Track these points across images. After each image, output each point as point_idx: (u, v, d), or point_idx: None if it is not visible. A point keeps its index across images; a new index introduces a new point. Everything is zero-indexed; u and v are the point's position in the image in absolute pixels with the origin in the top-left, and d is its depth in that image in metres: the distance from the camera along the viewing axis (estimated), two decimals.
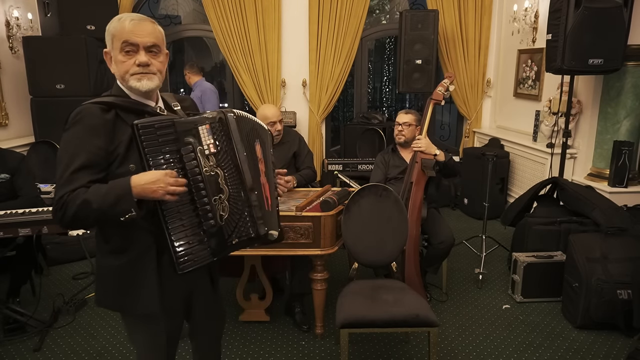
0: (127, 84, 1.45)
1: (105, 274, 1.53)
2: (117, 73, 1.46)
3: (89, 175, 1.37)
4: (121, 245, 1.47)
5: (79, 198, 1.33)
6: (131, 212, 1.34)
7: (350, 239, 2.52)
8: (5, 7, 4.44)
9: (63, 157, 1.38)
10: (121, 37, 1.42)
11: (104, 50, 1.48)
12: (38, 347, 2.64)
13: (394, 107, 8.16)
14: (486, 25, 5.38)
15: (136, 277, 1.48)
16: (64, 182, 1.35)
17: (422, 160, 2.94)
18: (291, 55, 5.41)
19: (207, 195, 1.43)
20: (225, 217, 1.46)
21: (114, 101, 1.43)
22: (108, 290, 1.54)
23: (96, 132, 1.38)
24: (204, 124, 1.44)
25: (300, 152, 3.25)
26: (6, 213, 2.65)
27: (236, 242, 1.49)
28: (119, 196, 1.33)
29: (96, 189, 1.35)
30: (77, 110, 1.42)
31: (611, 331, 2.76)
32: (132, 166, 1.40)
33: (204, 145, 1.43)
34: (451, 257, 3.43)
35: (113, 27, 1.44)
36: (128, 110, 1.44)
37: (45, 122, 4.43)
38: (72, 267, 3.71)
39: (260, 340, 2.73)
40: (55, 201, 1.36)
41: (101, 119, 1.40)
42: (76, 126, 1.40)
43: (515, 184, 4.92)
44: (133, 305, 1.51)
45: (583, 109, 4.01)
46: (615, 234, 2.89)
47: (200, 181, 1.42)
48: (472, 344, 2.69)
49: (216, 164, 1.45)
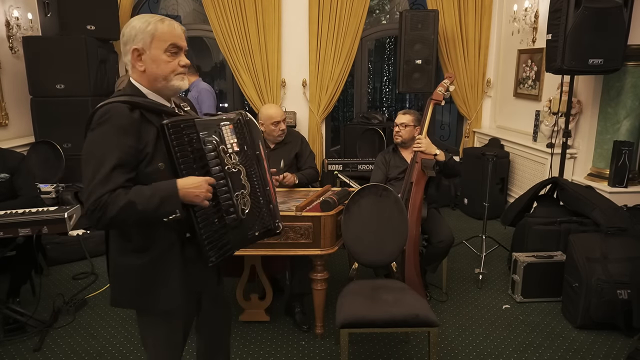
0: (168, 83, 1.50)
1: (124, 273, 1.53)
2: (159, 72, 1.48)
3: (124, 175, 1.39)
4: (144, 244, 1.49)
5: (121, 199, 1.35)
6: (176, 213, 1.41)
7: (350, 239, 2.52)
8: (5, 7, 4.44)
9: (92, 157, 1.39)
10: (169, 39, 1.48)
11: (133, 47, 1.47)
12: (38, 347, 2.64)
13: (394, 107, 8.15)
14: (486, 25, 5.38)
15: (159, 274, 1.51)
16: (100, 183, 1.35)
17: (422, 160, 2.94)
18: (291, 55, 5.40)
19: (229, 192, 1.52)
20: (247, 211, 1.56)
21: (139, 101, 1.46)
22: (127, 290, 1.54)
23: (126, 132, 1.40)
24: (227, 124, 1.54)
25: (302, 153, 3.26)
26: (6, 213, 2.65)
27: (257, 234, 1.61)
28: (164, 198, 1.39)
29: (139, 190, 1.39)
30: (104, 110, 1.42)
31: (611, 331, 2.75)
32: (161, 164, 1.44)
33: (227, 144, 1.53)
34: (451, 257, 3.44)
35: (154, 28, 1.46)
36: (150, 110, 1.48)
37: (45, 122, 4.44)
38: (72, 267, 3.71)
39: (260, 340, 2.73)
40: (91, 202, 1.35)
41: (129, 118, 1.42)
42: (104, 126, 1.40)
43: (515, 184, 4.92)
44: (155, 302, 1.53)
45: (583, 109, 4.01)
46: (615, 234, 2.89)
47: (223, 178, 1.51)
48: (472, 344, 2.69)
49: (238, 161, 1.55)
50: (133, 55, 1.48)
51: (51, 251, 3.66)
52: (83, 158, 1.42)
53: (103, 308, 3.10)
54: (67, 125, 4.41)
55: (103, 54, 4.63)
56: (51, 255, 3.65)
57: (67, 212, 2.64)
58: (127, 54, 1.50)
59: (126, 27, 1.50)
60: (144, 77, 1.50)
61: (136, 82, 1.52)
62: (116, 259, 1.55)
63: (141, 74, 1.50)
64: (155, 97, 1.52)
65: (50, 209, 2.75)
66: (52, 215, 2.63)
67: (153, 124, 1.46)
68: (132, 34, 1.47)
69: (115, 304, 1.60)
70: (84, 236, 3.82)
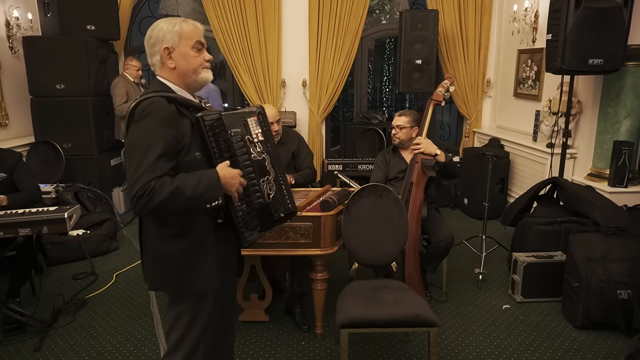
0: (197, 76, 1.64)
1: (164, 258, 1.61)
2: (189, 66, 1.62)
3: (168, 163, 1.50)
4: (181, 230, 1.59)
5: (169, 185, 1.46)
6: (218, 200, 1.56)
7: (350, 239, 2.52)
8: (5, 7, 4.44)
9: (139, 146, 1.48)
10: (195, 37, 1.62)
11: (164, 46, 1.58)
12: (38, 347, 2.64)
13: (394, 107, 8.15)
14: (486, 25, 5.38)
15: (197, 258, 1.61)
16: (147, 170, 1.45)
17: (423, 160, 2.94)
18: (291, 55, 5.41)
19: (255, 177, 1.66)
20: (272, 195, 1.71)
21: (173, 96, 1.58)
22: (167, 274, 1.62)
23: (168, 123, 1.52)
24: (251, 116, 1.68)
25: (299, 153, 3.25)
26: (6, 213, 2.65)
27: (283, 215, 1.75)
28: (209, 185, 1.51)
29: (185, 178, 1.50)
30: (146, 103, 1.51)
31: (611, 331, 2.75)
32: (198, 154, 1.57)
33: (253, 134, 1.67)
34: (451, 257, 3.44)
35: (180, 27, 1.60)
36: (183, 104, 1.60)
37: (45, 122, 4.44)
38: (72, 267, 3.71)
39: (260, 340, 2.73)
40: (138, 187, 1.44)
41: (169, 110, 1.53)
42: (148, 118, 1.50)
43: (515, 184, 4.92)
44: (193, 284, 1.62)
45: (583, 109, 4.01)
46: (615, 234, 2.89)
47: (250, 165, 1.64)
48: (472, 344, 2.69)
49: (263, 149, 1.69)
50: (164, 54, 1.59)
51: (51, 251, 3.66)
52: (127, 149, 1.52)
53: (103, 308, 3.10)
54: (67, 125, 4.41)
55: (103, 54, 4.63)
56: (51, 255, 3.65)
57: (67, 212, 2.64)
58: (156, 54, 1.60)
59: (152, 30, 1.61)
60: (173, 73, 1.62)
61: (164, 79, 1.62)
62: (155, 245, 1.62)
63: (171, 71, 1.61)
64: (182, 92, 1.63)
65: (50, 209, 2.75)
66: (52, 215, 2.63)
67: (187, 116, 1.57)
68: (160, 35, 1.59)
69: (155, 288, 1.72)
70: (84, 236, 3.82)
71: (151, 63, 1.64)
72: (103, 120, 4.68)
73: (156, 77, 1.65)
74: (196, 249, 1.61)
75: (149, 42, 1.62)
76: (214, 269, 1.63)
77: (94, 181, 4.48)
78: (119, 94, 4.55)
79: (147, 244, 1.67)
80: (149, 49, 1.62)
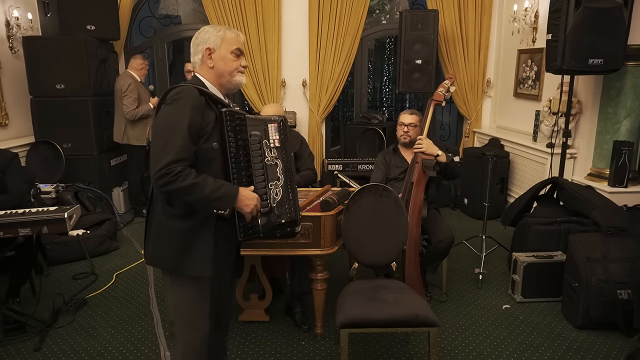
0: (232, 78, 1.79)
1: (164, 234, 1.72)
2: (226, 68, 1.77)
3: (192, 147, 1.63)
4: (185, 212, 1.69)
5: (192, 178, 1.59)
6: (225, 211, 1.68)
7: (350, 239, 2.52)
8: (5, 7, 4.44)
9: (168, 127, 1.63)
10: (235, 44, 1.78)
11: (206, 46, 1.74)
12: (38, 347, 2.63)
13: (394, 107, 8.15)
14: (486, 25, 5.38)
15: (196, 241, 1.71)
16: (173, 150, 1.58)
17: (423, 160, 2.93)
18: (291, 55, 5.40)
19: (264, 180, 1.75)
20: (278, 200, 1.78)
21: (205, 90, 1.71)
22: (165, 250, 1.72)
23: (196, 110, 1.65)
24: (272, 123, 1.78)
25: (301, 154, 3.25)
26: (6, 213, 2.65)
27: (284, 221, 1.80)
28: (225, 195, 1.64)
29: (208, 179, 1.63)
30: (179, 89, 1.67)
31: (611, 331, 2.75)
32: (216, 144, 1.69)
33: (270, 139, 1.77)
34: (451, 257, 3.44)
35: (224, 33, 1.76)
36: (211, 98, 1.72)
37: (45, 122, 4.44)
38: (72, 267, 3.71)
39: (260, 340, 2.73)
40: (163, 164, 1.56)
41: (199, 100, 1.67)
42: (179, 102, 1.64)
43: (515, 184, 4.92)
44: (189, 267, 1.71)
45: (583, 109, 4.01)
46: (615, 234, 2.89)
47: (261, 168, 1.74)
48: (472, 344, 2.69)
49: (277, 155, 1.78)
50: (205, 54, 1.75)
51: (51, 251, 3.66)
52: (156, 127, 1.68)
53: (103, 308, 3.10)
54: (67, 125, 4.41)
55: (103, 54, 4.63)
56: (51, 255, 3.64)
57: (67, 212, 2.64)
58: (198, 53, 1.76)
59: (199, 32, 1.78)
60: (211, 72, 1.77)
61: (202, 76, 1.78)
62: (158, 221, 1.73)
63: (209, 69, 1.77)
64: (215, 90, 1.77)
65: (50, 209, 2.75)
66: (52, 215, 2.63)
67: (213, 109, 1.71)
68: (205, 37, 1.76)
69: (152, 262, 1.81)
70: (84, 236, 3.82)
71: (193, 61, 1.80)
72: (103, 120, 4.68)
73: (194, 74, 1.80)
74: (195, 233, 1.70)
75: (194, 43, 1.78)
76: (209, 257, 1.71)
77: (94, 181, 4.49)
78: (131, 97, 4.50)
79: (152, 220, 1.77)
80: (193, 48, 1.78)
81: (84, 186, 4.30)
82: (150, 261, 1.81)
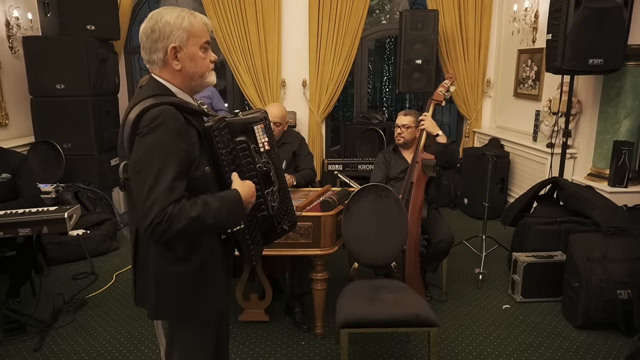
0: (204, 80, 1.47)
1: (169, 281, 1.44)
2: (197, 70, 1.44)
3: (184, 181, 1.34)
4: (188, 252, 1.43)
5: (188, 212, 1.30)
6: (241, 225, 1.44)
7: (350, 239, 2.52)
8: (5, 7, 4.44)
9: (152, 164, 1.29)
10: (203, 36, 1.43)
11: (171, 45, 1.38)
12: (38, 347, 2.63)
13: (394, 107, 8.15)
14: (486, 25, 5.38)
15: (206, 279, 1.47)
16: (163, 194, 1.28)
17: (423, 160, 2.94)
18: (291, 55, 5.40)
19: (261, 189, 1.53)
20: (276, 207, 1.59)
21: (177, 102, 1.38)
22: (173, 299, 1.46)
23: (181, 136, 1.34)
24: (258, 124, 1.53)
25: (300, 153, 3.25)
26: (6, 213, 2.65)
27: (286, 227, 1.65)
28: (232, 210, 1.38)
29: (206, 203, 1.34)
30: (155, 113, 1.31)
31: (611, 331, 2.75)
32: (208, 168, 1.41)
33: (259, 143, 1.53)
34: (451, 257, 3.44)
35: (189, 23, 1.39)
36: (188, 111, 1.40)
37: (45, 122, 4.43)
38: (72, 267, 3.71)
39: (260, 340, 2.73)
40: (155, 213, 1.27)
41: (181, 121, 1.35)
42: (159, 130, 1.30)
43: (515, 184, 4.92)
44: (203, 306, 1.48)
45: (583, 109, 4.01)
46: (615, 234, 2.89)
47: (255, 177, 1.51)
48: (472, 344, 2.69)
49: (268, 159, 1.55)
50: (170, 54, 1.39)
51: (51, 251, 3.66)
52: (136, 166, 1.31)
53: (103, 308, 3.10)
54: (67, 125, 4.41)
55: (103, 54, 4.63)
56: (51, 255, 3.65)
57: (67, 212, 2.64)
58: (157, 51, 1.39)
59: (156, 22, 1.38)
60: (177, 75, 1.43)
61: (164, 80, 1.43)
62: (159, 269, 1.44)
63: (175, 72, 1.42)
64: (183, 95, 1.45)
65: (50, 209, 2.75)
66: (52, 215, 2.63)
67: (194, 125, 1.40)
68: (166, 30, 1.37)
69: (157, 315, 1.51)
70: (84, 236, 3.82)
71: (149, 59, 1.42)
72: (103, 120, 4.67)
73: (152, 75, 1.44)
74: (205, 270, 1.46)
75: (150, 36, 1.38)
76: (223, 288, 1.51)
77: (94, 181, 4.48)
78: None
79: (146, 268, 1.46)
80: (149, 43, 1.39)
81: (84, 186, 4.30)
82: (157, 314, 1.50)
